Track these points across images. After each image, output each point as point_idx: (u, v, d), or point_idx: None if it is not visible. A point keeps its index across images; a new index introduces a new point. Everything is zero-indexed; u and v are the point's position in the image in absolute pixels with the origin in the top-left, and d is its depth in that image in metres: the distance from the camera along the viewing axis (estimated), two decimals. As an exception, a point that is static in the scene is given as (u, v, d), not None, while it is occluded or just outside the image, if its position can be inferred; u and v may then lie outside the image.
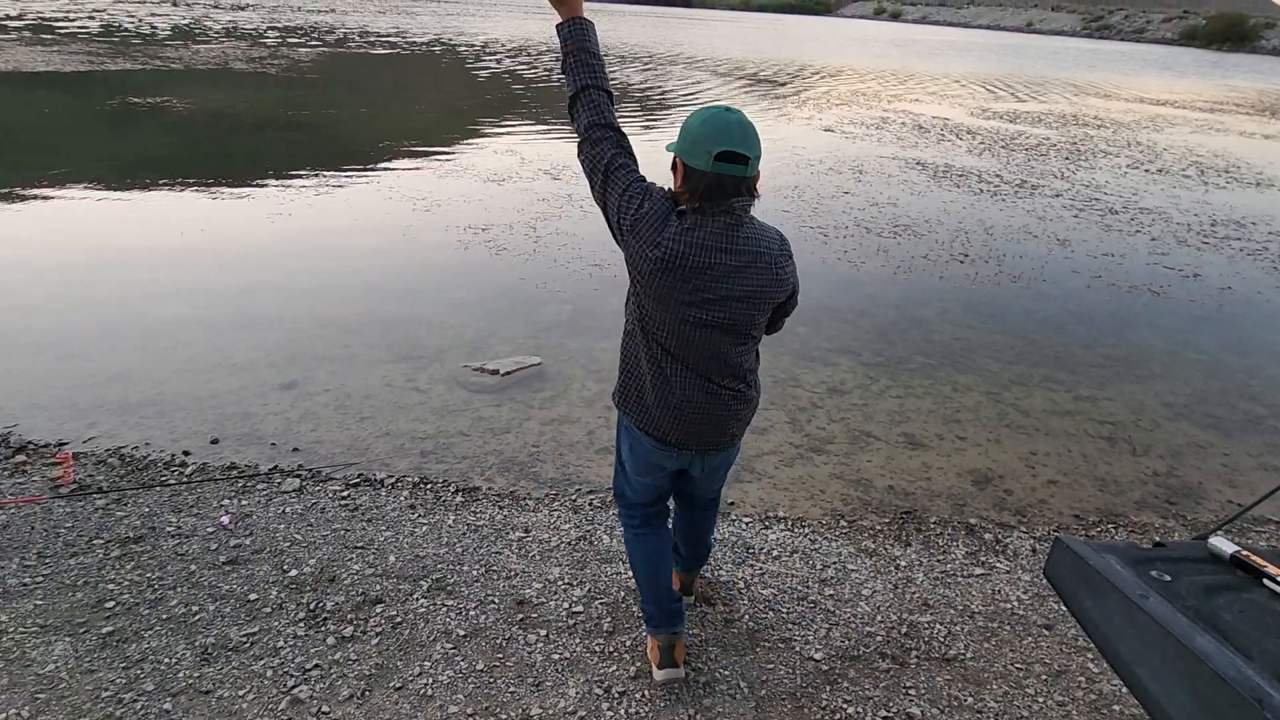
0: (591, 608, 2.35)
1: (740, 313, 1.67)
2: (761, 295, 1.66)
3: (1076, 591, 0.96)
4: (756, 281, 1.64)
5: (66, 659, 2.03)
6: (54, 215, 6.35)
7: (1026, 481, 3.41)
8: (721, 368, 1.74)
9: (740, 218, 1.61)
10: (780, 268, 1.68)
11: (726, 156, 1.54)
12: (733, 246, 1.61)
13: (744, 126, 1.58)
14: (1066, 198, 8.85)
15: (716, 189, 1.56)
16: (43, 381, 3.75)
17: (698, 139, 1.56)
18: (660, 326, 1.71)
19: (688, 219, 1.60)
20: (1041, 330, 5.15)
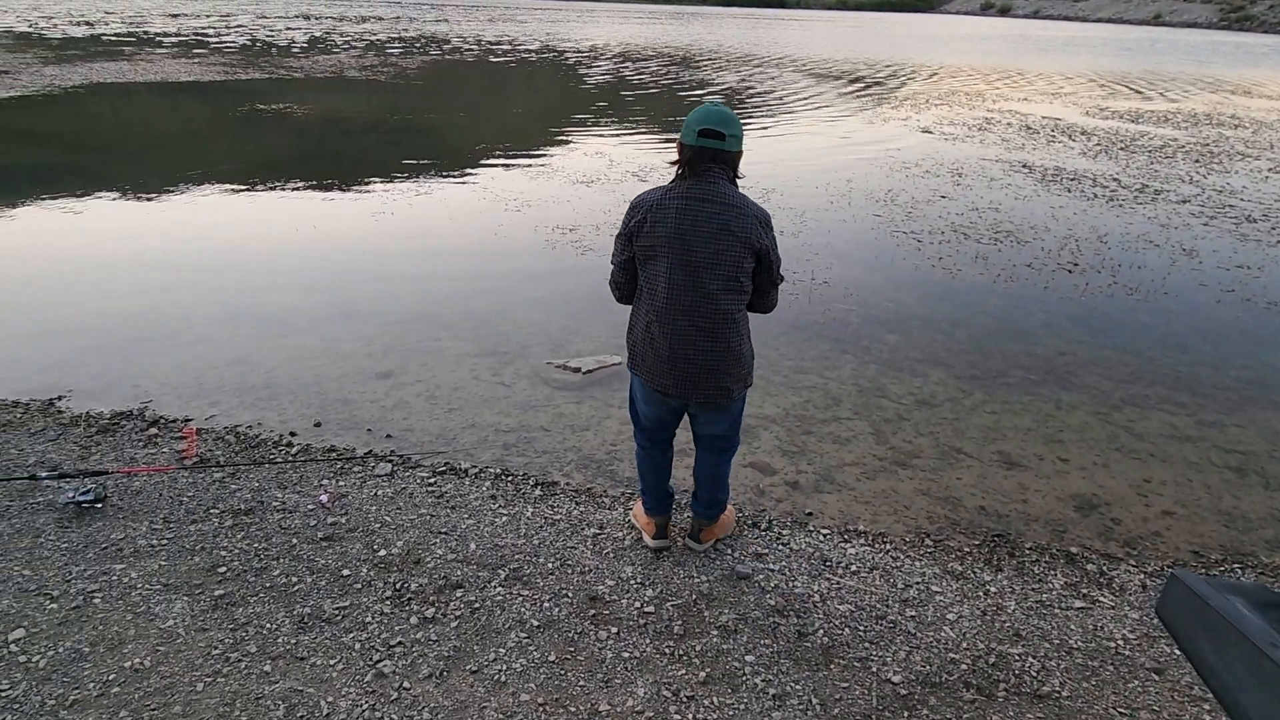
0: (663, 609, 2.36)
1: (720, 250, 2.08)
2: (736, 235, 2.08)
3: (1194, 635, 0.87)
4: (730, 223, 2.08)
5: (183, 616, 2.22)
6: (188, 214, 6.97)
7: (1138, 511, 3.15)
8: (707, 316, 2.12)
9: (717, 180, 2.10)
10: (751, 220, 2.10)
11: (706, 133, 2.07)
12: (709, 196, 2.09)
13: (722, 113, 2.10)
14: (1195, 204, 8.11)
15: (698, 157, 2.10)
16: (176, 363, 4.12)
17: (688, 123, 2.12)
18: (653, 282, 2.15)
19: (674, 184, 2.14)
20: (1161, 348, 4.74)
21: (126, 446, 3.22)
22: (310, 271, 5.60)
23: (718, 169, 2.11)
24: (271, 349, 4.32)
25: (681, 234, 2.09)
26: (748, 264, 2.12)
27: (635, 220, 2.17)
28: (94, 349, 4.25)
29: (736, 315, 2.18)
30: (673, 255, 2.10)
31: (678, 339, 2.16)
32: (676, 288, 2.12)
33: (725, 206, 2.09)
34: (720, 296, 2.12)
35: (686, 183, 2.12)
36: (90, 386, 3.81)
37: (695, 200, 2.09)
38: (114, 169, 8.54)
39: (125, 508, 2.74)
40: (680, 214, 2.08)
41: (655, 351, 2.21)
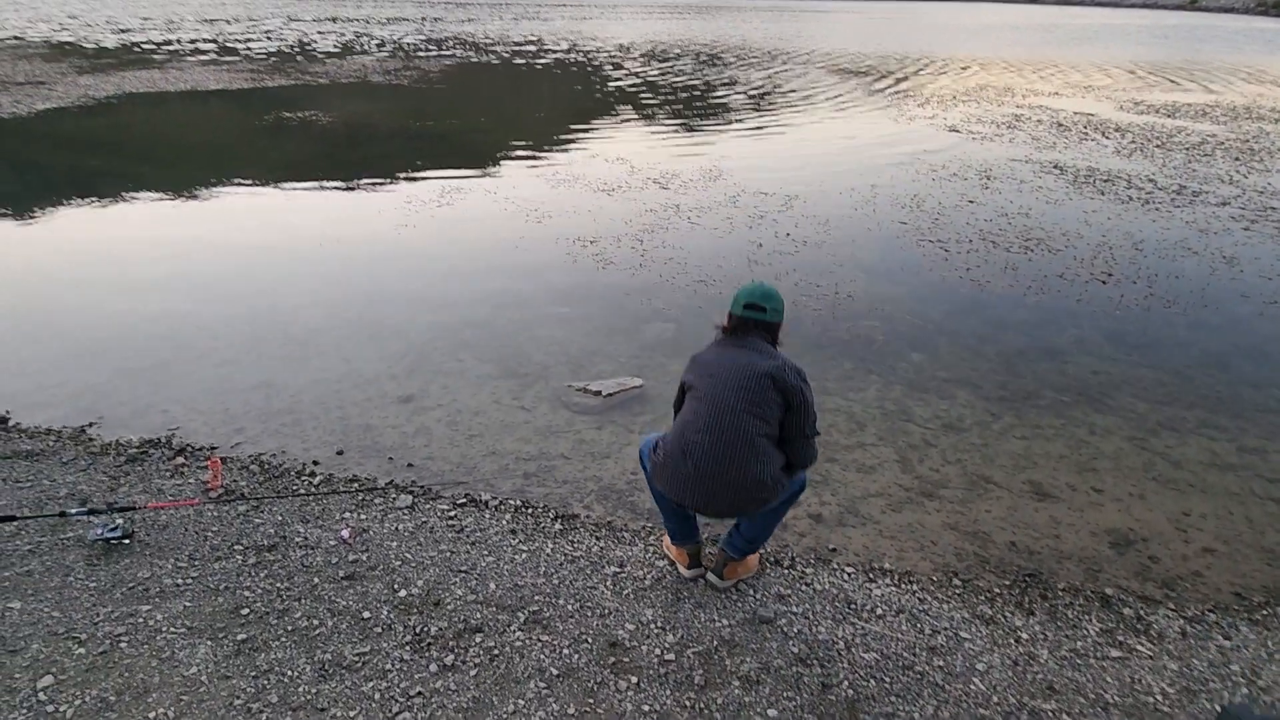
0: (684, 657, 2.32)
1: (747, 391, 2.31)
2: (759, 379, 2.31)
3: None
4: (757, 363, 2.34)
5: (207, 663, 2.24)
6: (214, 227, 7.07)
7: (1177, 548, 3.04)
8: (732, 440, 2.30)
9: (755, 339, 2.41)
10: (779, 364, 2.34)
11: (750, 307, 2.42)
12: (743, 346, 2.41)
13: (765, 290, 2.45)
14: (1235, 206, 7.83)
15: (741, 325, 2.44)
16: (202, 386, 4.18)
17: (736, 297, 2.47)
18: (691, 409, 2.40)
19: (716, 344, 2.49)
20: (1200, 366, 4.58)
21: (154, 477, 3.27)
22: (334, 288, 5.64)
23: (757, 334, 2.41)
24: (296, 371, 4.37)
25: (714, 372, 2.38)
26: (774, 398, 2.31)
27: (687, 369, 2.51)
28: (125, 372, 4.33)
29: (758, 442, 2.32)
30: (706, 388, 2.37)
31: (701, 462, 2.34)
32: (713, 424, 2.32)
33: (756, 353, 2.37)
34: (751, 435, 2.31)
35: (726, 341, 2.46)
36: (120, 414, 3.87)
37: (731, 348, 2.42)
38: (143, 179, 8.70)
39: (152, 544, 2.78)
40: (718, 358, 2.41)
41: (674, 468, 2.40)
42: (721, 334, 2.47)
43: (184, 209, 7.61)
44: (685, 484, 2.35)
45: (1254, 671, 2.34)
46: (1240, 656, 2.40)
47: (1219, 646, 2.46)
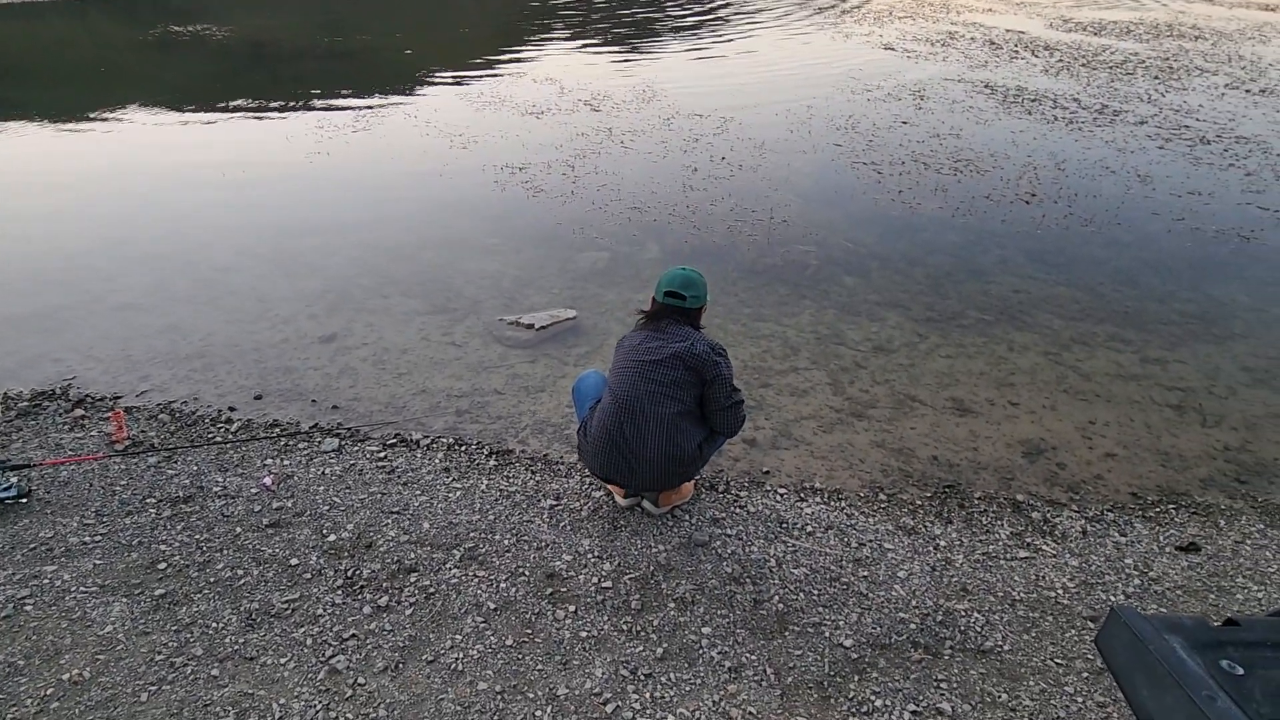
0: (620, 583, 2.36)
1: (656, 377, 2.39)
2: (669, 361, 2.39)
3: (1132, 676, 0.86)
4: (665, 353, 2.40)
5: (123, 620, 2.14)
6: (101, 155, 6.43)
7: (1082, 454, 3.24)
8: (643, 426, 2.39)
9: (673, 325, 2.46)
10: (695, 351, 2.39)
11: (670, 294, 2.47)
12: (662, 330, 2.46)
13: (686, 278, 2.48)
14: (1152, 125, 8.08)
15: (660, 311, 2.50)
16: (100, 332, 3.88)
17: (659, 283, 2.51)
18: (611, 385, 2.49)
19: (638, 327, 2.55)
20: (1111, 282, 4.79)
21: (51, 431, 3.04)
22: (243, 223, 5.25)
23: (675, 320, 2.47)
24: (204, 313, 4.09)
25: (627, 364, 2.43)
26: (685, 377, 2.39)
27: (614, 353, 2.57)
28: (10, 318, 3.96)
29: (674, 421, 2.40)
30: (616, 382, 2.44)
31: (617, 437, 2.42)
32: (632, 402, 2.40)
33: (669, 338, 2.43)
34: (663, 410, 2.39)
35: (646, 326, 2.51)
36: (7, 364, 3.56)
37: (648, 334, 2.48)
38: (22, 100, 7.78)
39: (53, 501, 2.61)
40: (633, 347, 2.47)
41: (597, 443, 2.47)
42: (644, 318, 2.55)
43: (66, 137, 6.87)
44: (609, 465, 2.46)
45: (1145, 564, 2.54)
46: (1134, 551, 2.61)
47: (1115, 543, 2.66)
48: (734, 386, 2.48)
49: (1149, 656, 0.85)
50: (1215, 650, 0.85)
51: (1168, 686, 0.82)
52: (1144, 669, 0.85)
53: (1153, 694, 0.84)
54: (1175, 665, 0.82)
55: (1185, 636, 0.86)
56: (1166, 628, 0.88)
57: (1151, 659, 0.84)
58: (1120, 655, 0.89)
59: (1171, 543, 2.67)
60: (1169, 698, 0.81)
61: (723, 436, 2.58)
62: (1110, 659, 0.92)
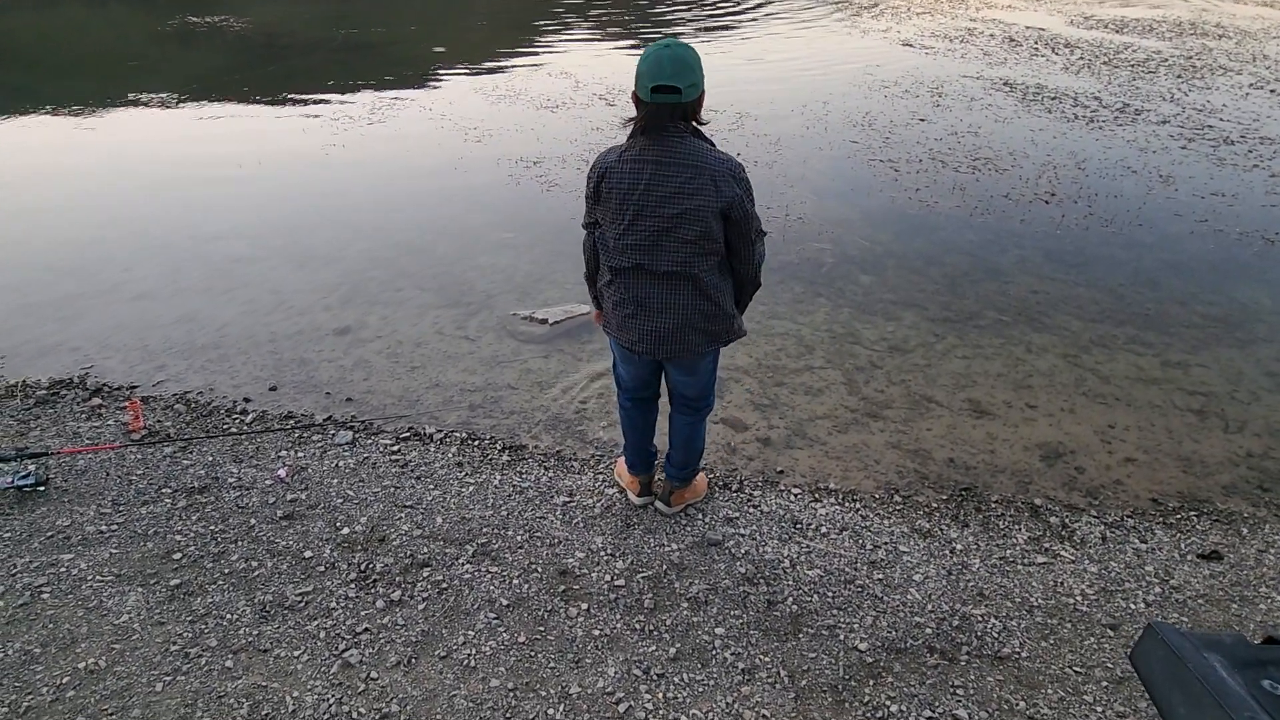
0: (633, 581, 2.35)
1: (681, 216, 1.95)
2: (697, 197, 1.93)
3: (1169, 694, 0.84)
4: (688, 184, 1.93)
5: (138, 610, 2.15)
6: (120, 149, 6.47)
7: (1101, 459, 3.19)
8: (671, 277, 2.04)
9: (677, 137, 1.93)
10: (717, 180, 1.94)
11: (661, 89, 1.85)
12: (667, 159, 1.93)
13: (676, 60, 1.86)
14: (1175, 124, 7.95)
15: (654, 116, 1.91)
16: (116, 321, 3.90)
17: (640, 76, 1.89)
18: (615, 244, 2.04)
19: (632, 143, 1.97)
20: (1132, 284, 4.72)
21: (68, 420, 3.06)
22: (258, 214, 5.27)
23: (677, 125, 1.94)
24: (220, 304, 4.10)
25: (637, 200, 1.96)
26: (714, 225, 1.99)
27: (593, 186, 2.06)
28: (28, 307, 4.00)
29: (700, 274, 2.06)
30: (630, 220, 1.99)
31: (641, 296, 2.11)
32: (634, 249, 2.03)
33: (684, 167, 1.93)
34: (681, 257, 2.02)
35: (643, 141, 1.95)
36: (25, 352, 3.59)
37: (651, 163, 1.94)
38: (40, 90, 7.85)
39: (70, 490, 2.62)
40: (635, 178, 1.95)
41: (619, 309, 2.17)
42: (632, 130, 1.98)
43: (83, 127, 6.92)
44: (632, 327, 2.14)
45: (1166, 572, 2.50)
46: (1154, 558, 2.57)
47: (1135, 549, 2.62)
48: (758, 220, 2.09)
49: (1187, 674, 0.82)
50: (1256, 669, 0.82)
51: (1206, 706, 0.79)
52: (1181, 687, 0.83)
53: (1190, 713, 0.81)
54: (1215, 684, 0.80)
55: (1225, 654, 0.84)
56: (1205, 645, 0.85)
57: (1189, 677, 0.82)
58: (1156, 672, 0.87)
59: (1193, 550, 2.63)
60: (1208, 716, 0.79)
61: (750, 286, 2.22)
62: (1146, 676, 0.90)
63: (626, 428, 2.57)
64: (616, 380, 2.53)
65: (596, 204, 2.07)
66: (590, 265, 2.29)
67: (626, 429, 2.57)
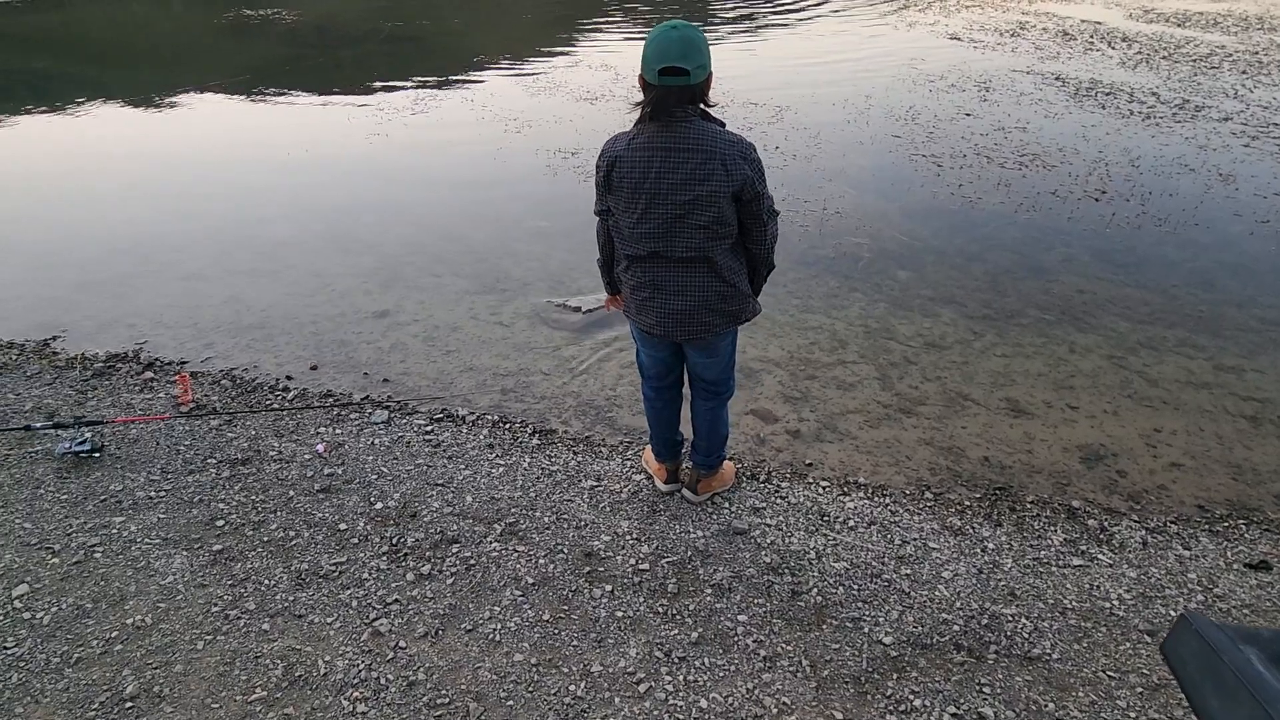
0: (658, 566, 2.36)
1: (694, 202, 1.93)
2: (709, 182, 1.91)
3: (1201, 686, 0.82)
4: (699, 169, 1.90)
5: (183, 572, 2.25)
6: (177, 135, 6.72)
7: (1145, 463, 3.09)
8: (686, 262, 2.04)
9: (686, 121, 1.90)
10: (727, 163, 1.91)
11: (669, 71, 1.82)
12: (677, 145, 1.90)
13: (684, 42, 1.83)
14: (1237, 122, 7.61)
15: (662, 100, 1.88)
16: (168, 300, 4.06)
17: (647, 59, 1.86)
18: (629, 232, 2.04)
19: (640, 129, 1.95)
20: (1186, 285, 4.55)
21: (122, 391, 3.20)
22: (303, 200, 5.42)
23: (685, 109, 1.90)
24: (266, 285, 4.24)
25: (649, 187, 1.95)
26: (727, 208, 1.98)
27: (603, 174, 2.04)
28: (88, 284, 4.18)
29: (715, 257, 2.06)
30: (644, 209, 1.98)
31: (658, 280, 2.11)
32: (648, 237, 2.03)
33: (694, 153, 1.90)
34: (696, 242, 2.01)
35: (651, 127, 1.92)
36: (85, 326, 3.76)
37: (660, 150, 1.91)
38: (102, 81, 8.19)
39: (123, 457, 2.75)
40: (646, 166, 1.93)
41: (637, 293, 2.18)
42: (640, 114, 1.94)
43: (141, 115, 7.20)
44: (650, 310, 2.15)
45: (1210, 579, 2.42)
46: (1198, 565, 2.48)
47: (1178, 556, 2.53)
48: (770, 199, 2.07)
49: (1222, 667, 0.80)
50: (1297, 662, 0.79)
51: (1242, 700, 0.77)
52: (1215, 679, 0.80)
53: (1224, 706, 0.79)
54: (1251, 678, 0.77)
55: (1263, 648, 0.81)
56: (1242, 638, 0.82)
57: (1224, 669, 0.79)
58: (1189, 664, 0.84)
59: (1240, 559, 2.53)
60: (1243, 711, 0.76)
61: (764, 267, 2.19)
62: (1178, 667, 0.87)
63: (650, 416, 2.58)
64: (640, 368, 2.54)
65: (608, 192, 2.05)
66: (605, 251, 2.30)
67: (650, 417, 2.59)
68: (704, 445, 2.57)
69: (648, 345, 2.38)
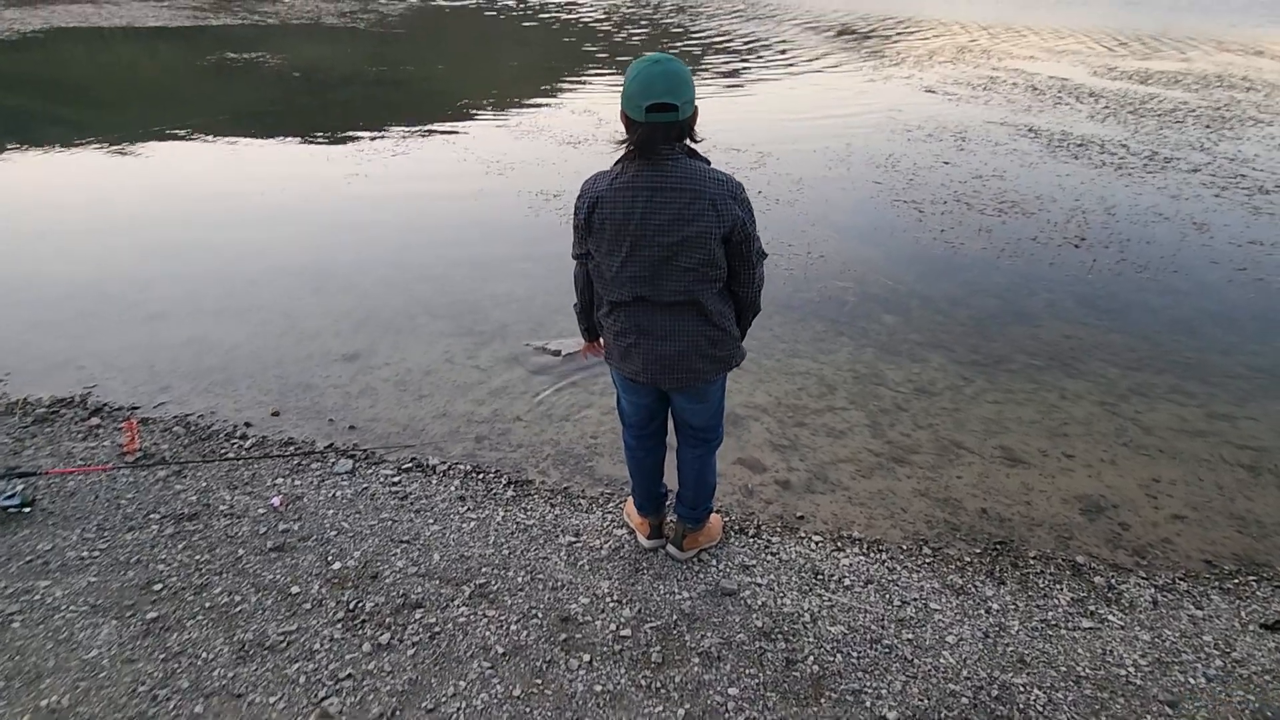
0: (640, 632, 2.17)
1: (681, 244, 1.83)
2: (697, 222, 1.81)
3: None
4: (686, 209, 1.80)
5: (110, 644, 2.01)
6: (151, 173, 6.58)
7: (1147, 514, 2.97)
8: (674, 306, 1.93)
9: (673, 159, 1.80)
10: (717, 203, 1.82)
11: (656, 108, 1.72)
12: (663, 184, 1.80)
13: (670, 76, 1.74)
14: (1206, 173, 7.81)
15: (649, 138, 1.77)
16: (125, 342, 3.85)
17: (631, 95, 1.75)
18: (613, 276, 1.92)
19: (624, 168, 1.84)
20: (1170, 332, 4.53)
21: (64, 440, 2.98)
22: (278, 239, 5.28)
23: (671, 146, 1.80)
24: (232, 326, 4.05)
25: (634, 229, 1.83)
26: (716, 250, 1.88)
27: (583, 216, 1.91)
28: (41, 323, 3.97)
29: (704, 300, 1.95)
30: (628, 252, 1.87)
31: (644, 325, 1.99)
32: (633, 281, 1.91)
33: (681, 192, 1.80)
34: (684, 285, 1.90)
35: (634, 166, 1.81)
36: (32, 369, 3.54)
37: (645, 190, 1.81)
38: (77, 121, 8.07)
39: (56, 512, 2.51)
40: (630, 206, 1.82)
41: (621, 339, 2.06)
42: (625, 151, 1.83)
43: (116, 152, 7.07)
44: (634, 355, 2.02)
45: (1227, 642, 2.28)
46: (1213, 627, 2.34)
47: (1190, 616, 2.39)
48: (759, 241, 1.97)
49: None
50: None
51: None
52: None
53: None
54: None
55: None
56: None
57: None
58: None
59: (1255, 619, 2.40)
60: None
61: (750, 311, 2.09)
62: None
63: (632, 466, 2.43)
64: (621, 415, 2.40)
65: (588, 235, 1.92)
66: (584, 297, 2.16)
67: (632, 467, 2.43)
68: (690, 496, 2.41)
69: (630, 392, 2.24)
